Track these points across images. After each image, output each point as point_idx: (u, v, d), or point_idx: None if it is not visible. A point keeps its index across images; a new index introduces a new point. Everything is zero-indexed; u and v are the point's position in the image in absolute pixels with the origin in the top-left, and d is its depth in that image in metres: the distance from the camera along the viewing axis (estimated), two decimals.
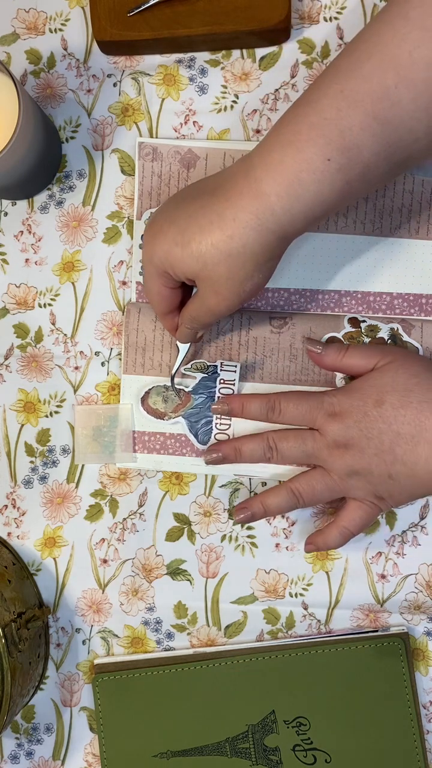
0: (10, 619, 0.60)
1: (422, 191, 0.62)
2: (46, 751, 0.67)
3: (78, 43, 0.65)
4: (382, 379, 0.57)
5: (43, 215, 0.65)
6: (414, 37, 0.46)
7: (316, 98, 0.49)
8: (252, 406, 0.61)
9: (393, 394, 0.56)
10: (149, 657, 0.65)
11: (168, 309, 0.58)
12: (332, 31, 0.63)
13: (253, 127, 0.64)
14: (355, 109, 0.47)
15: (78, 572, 0.66)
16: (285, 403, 0.60)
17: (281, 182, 0.49)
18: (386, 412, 0.56)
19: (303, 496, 0.60)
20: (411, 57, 0.46)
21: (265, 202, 0.49)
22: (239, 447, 0.61)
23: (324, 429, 0.58)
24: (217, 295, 0.53)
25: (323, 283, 0.63)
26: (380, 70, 0.47)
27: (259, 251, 0.51)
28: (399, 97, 0.47)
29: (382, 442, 0.56)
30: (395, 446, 0.56)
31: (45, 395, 0.66)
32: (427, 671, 0.65)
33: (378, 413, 0.56)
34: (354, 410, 0.57)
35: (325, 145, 0.48)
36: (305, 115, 0.49)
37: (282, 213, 0.49)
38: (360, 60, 0.48)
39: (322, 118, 0.48)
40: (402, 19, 0.47)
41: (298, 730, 0.64)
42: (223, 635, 0.66)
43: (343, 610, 0.65)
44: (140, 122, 0.65)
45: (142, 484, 0.65)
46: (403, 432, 0.56)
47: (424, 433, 0.55)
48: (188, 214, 0.52)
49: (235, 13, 0.61)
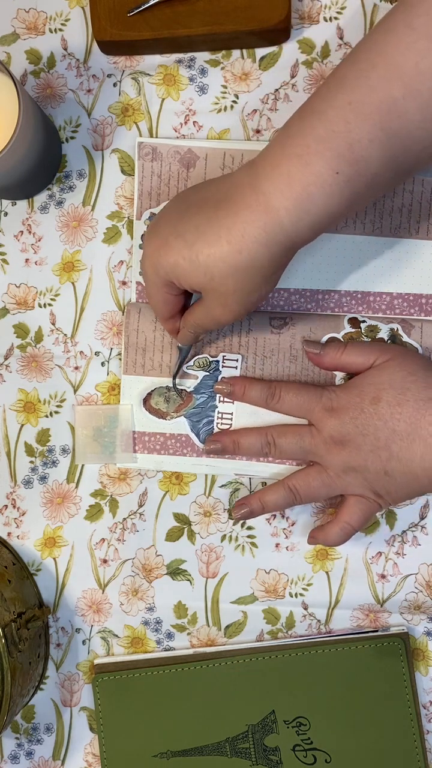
0: (10, 619, 0.60)
1: (422, 191, 0.62)
2: (46, 751, 0.67)
3: (78, 43, 0.65)
4: (380, 376, 0.58)
5: (43, 215, 0.65)
6: (420, 47, 0.46)
7: (322, 109, 0.48)
8: (253, 390, 0.61)
9: (389, 392, 0.57)
10: (149, 657, 0.65)
11: (170, 314, 0.58)
12: (332, 31, 0.63)
13: (253, 127, 0.64)
14: (363, 122, 0.47)
15: (78, 572, 0.66)
16: (285, 392, 0.60)
17: (290, 196, 0.48)
18: (382, 409, 0.56)
19: (299, 493, 0.60)
20: (417, 67, 0.46)
21: (274, 217, 0.49)
22: (238, 440, 0.62)
23: (321, 424, 0.59)
24: (224, 306, 0.53)
25: (323, 283, 0.63)
26: (386, 80, 0.47)
27: (267, 264, 0.51)
28: (406, 108, 0.47)
29: (377, 438, 0.56)
30: (391, 443, 0.56)
31: (45, 395, 0.66)
32: (427, 671, 0.65)
33: (374, 410, 0.57)
34: (351, 406, 0.57)
35: (333, 158, 0.48)
36: (312, 127, 0.48)
37: (290, 226, 0.49)
38: (365, 70, 0.47)
39: (331, 131, 0.48)
40: (407, 28, 0.46)
41: (298, 730, 0.64)
42: (223, 635, 0.66)
43: (343, 610, 0.65)
44: (140, 122, 0.65)
45: (142, 484, 0.65)
46: (398, 429, 0.56)
47: (419, 431, 0.56)
48: (195, 227, 0.51)
49: (235, 13, 0.61)
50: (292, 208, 0.48)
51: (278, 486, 0.61)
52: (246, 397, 0.62)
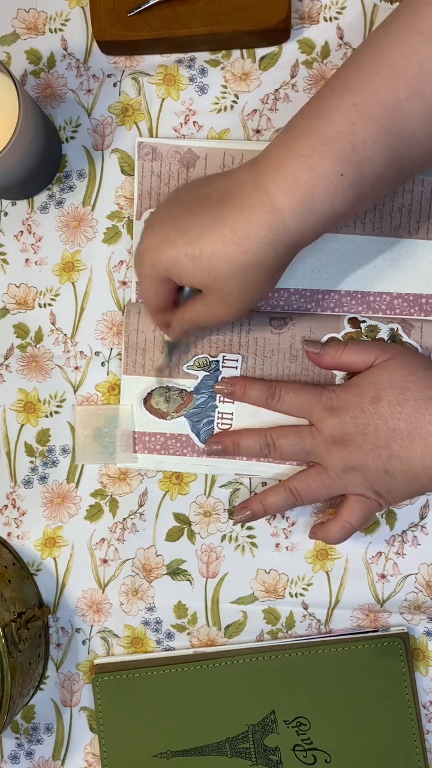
0: (10, 619, 0.60)
1: (422, 191, 0.62)
2: (46, 751, 0.67)
3: (78, 43, 0.65)
4: (380, 376, 0.58)
5: (43, 215, 0.65)
6: (424, 50, 0.46)
7: (327, 110, 0.49)
8: (253, 390, 0.62)
9: (390, 391, 0.57)
10: (149, 657, 0.65)
11: (162, 307, 0.58)
12: (332, 31, 0.63)
13: (253, 127, 0.64)
14: (368, 123, 0.47)
15: (78, 572, 0.66)
16: (285, 391, 0.60)
17: (295, 197, 0.49)
18: (382, 408, 0.57)
19: (300, 494, 0.60)
20: (422, 69, 0.47)
21: (279, 218, 0.49)
22: (238, 441, 0.62)
23: (321, 423, 0.59)
24: (226, 305, 0.53)
25: (323, 283, 0.63)
26: (391, 83, 0.47)
27: (271, 264, 0.51)
28: (410, 109, 0.47)
29: (378, 438, 0.56)
30: (391, 442, 0.56)
31: (45, 395, 0.66)
32: (427, 671, 0.65)
33: (374, 409, 0.57)
34: (351, 406, 0.58)
35: (338, 160, 0.48)
36: (318, 128, 0.48)
37: (295, 227, 0.49)
38: (370, 73, 0.48)
39: (336, 132, 0.48)
40: (411, 31, 0.47)
41: (298, 730, 0.64)
42: (223, 635, 0.66)
43: (343, 610, 0.65)
44: (140, 122, 0.65)
45: (142, 484, 0.65)
46: (399, 428, 0.56)
47: (419, 430, 0.56)
48: (198, 224, 0.51)
49: (235, 13, 0.61)
50: (296, 209, 0.49)
51: (279, 488, 0.61)
52: (246, 397, 0.62)
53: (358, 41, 0.63)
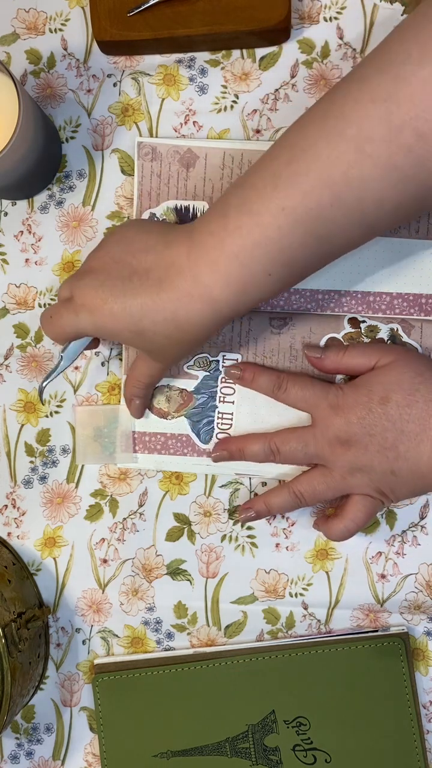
0: (10, 619, 0.60)
1: None
2: (46, 751, 0.67)
3: (78, 43, 0.65)
4: (388, 376, 0.58)
5: (43, 215, 0.65)
6: (349, 158, 0.48)
7: (257, 210, 0.51)
8: (262, 377, 0.62)
9: (399, 393, 0.57)
10: (149, 657, 0.65)
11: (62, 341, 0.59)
12: (332, 31, 0.63)
13: (253, 127, 0.64)
14: (295, 227, 0.50)
15: (78, 572, 0.66)
16: (292, 384, 0.61)
17: (228, 291, 0.52)
18: (391, 410, 0.56)
19: (305, 497, 0.60)
20: (345, 177, 0.49)
21: (215, 306, 0.53)
22: (242, 448, 0.62)
23: (325, 421, 0.59)
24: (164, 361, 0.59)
25: (323, 283, 0.63)
26: (318, 189, 0.49)
27: (207, 334, 0.55)
28: (333, 215, 0.50)
29: (385, 439, 0.56)
30: (399, 443, 0.56)
31: (45, 395, 0.66)
32: (427, 671, 0.65)
33: (383, 410, 0.57)
34: (358, 406, 0.57)
35: (268, 262, 0.51)
36: (249, 230, 0.51)
37: (229, 311, 0.53)
38: (299, 173, 0.50)
39: (265, 237, 0.50)
40: (339, 137, 0.49)
41: (298, 730, 0.64)
42: (223, 635, 0.66)
43: (343, 610, 0.65)
44: (140, 122, 0.65)
45: (142, 483, 0.65)
46: (407, 430, 0.56)
47: (428, 431, 0.56)
48: (139, 304, 0.53)
49: (235, 13, 0.61)
50: (231, 300, 0.52)
51: (283, 490, 0.61)
52: (254, 383, 0.62)
53: (358, 41, 0.63)
